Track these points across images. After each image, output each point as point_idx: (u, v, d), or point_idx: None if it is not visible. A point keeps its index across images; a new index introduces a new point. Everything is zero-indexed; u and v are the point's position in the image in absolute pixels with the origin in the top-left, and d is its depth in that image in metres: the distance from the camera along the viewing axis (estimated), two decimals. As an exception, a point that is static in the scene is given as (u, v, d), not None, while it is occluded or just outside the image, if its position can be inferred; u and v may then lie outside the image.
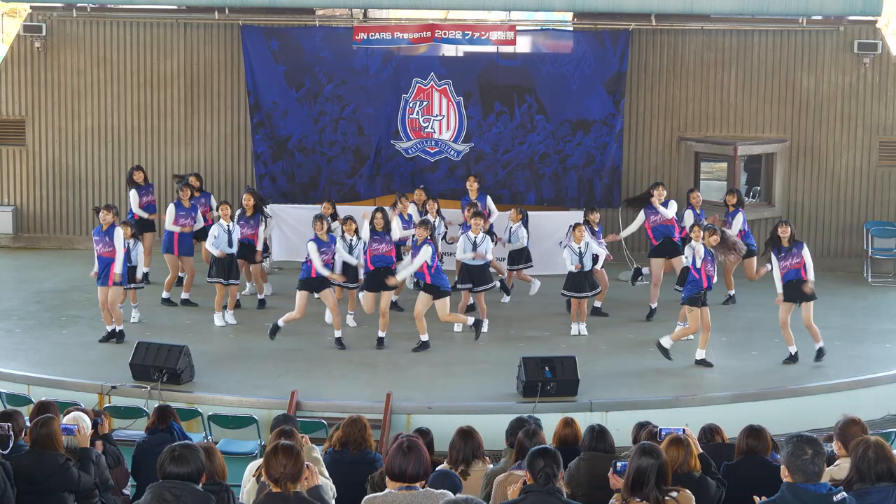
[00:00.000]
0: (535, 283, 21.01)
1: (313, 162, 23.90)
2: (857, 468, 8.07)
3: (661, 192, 20.12)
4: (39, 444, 9.82)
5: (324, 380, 17.17)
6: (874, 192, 24.00)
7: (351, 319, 19.68)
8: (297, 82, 23.65)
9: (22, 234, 25.31)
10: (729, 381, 17.48)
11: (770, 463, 9.78)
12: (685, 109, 24.15)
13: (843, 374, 17.67)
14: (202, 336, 18.88)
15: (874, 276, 23.45)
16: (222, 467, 9.06)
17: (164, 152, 24.86)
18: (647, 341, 18.69)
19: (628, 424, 11.86)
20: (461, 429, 10.33)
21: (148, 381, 16.48)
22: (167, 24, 24.64)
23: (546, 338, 19.17)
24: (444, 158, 23.66)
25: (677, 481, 8.48)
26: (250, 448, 14.80)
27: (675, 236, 20.13)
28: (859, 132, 23.80)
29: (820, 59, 23.70)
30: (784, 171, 23.95)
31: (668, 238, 20.12)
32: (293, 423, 11.10)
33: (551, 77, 23.34)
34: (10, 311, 20.56)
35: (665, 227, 20.12)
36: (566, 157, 23.50)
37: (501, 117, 23.54)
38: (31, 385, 16.79)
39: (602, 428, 10.06)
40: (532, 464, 8.17)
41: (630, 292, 21.76)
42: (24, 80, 24.89)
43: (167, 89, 24.76)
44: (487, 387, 16.94)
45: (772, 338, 18.65)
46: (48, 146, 25.05)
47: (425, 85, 23.53)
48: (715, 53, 23.91)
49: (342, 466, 10.48)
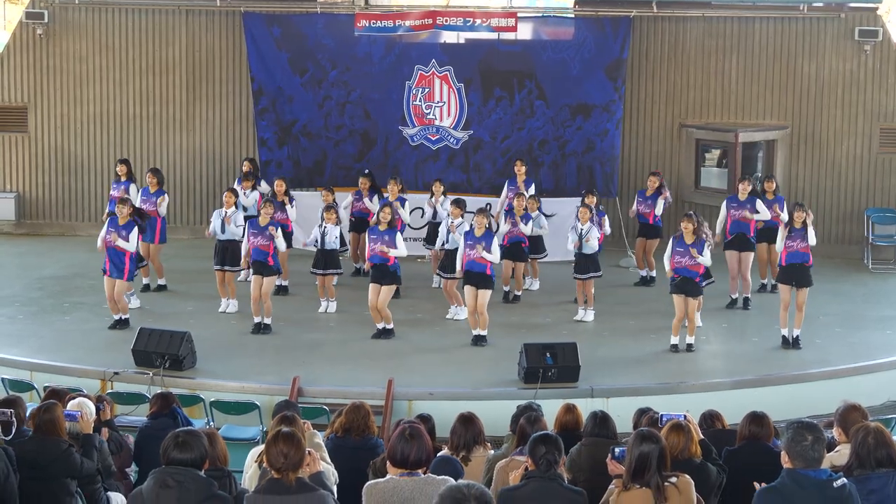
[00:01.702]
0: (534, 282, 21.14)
1: (319, 147, 23.89)
2: (856, 454, 8.09)
3: (746, 186, 20.00)
4: (42, 429, 9.85)
5: (325, 366, 17.20)
6: (875, 179, 24.00)
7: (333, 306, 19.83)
8: (301, 68, 23.63)
9: (24, 221, 25.34)
10: (729, 367, 17.54)
11: (771, 449, 9.79)
12: (686, 96, 24.15)
13: (843, 360, 17.69)
14: (204, 322, 18.89)
15: (874, 263, 23.47)
16: (224, 453, 9.08)
17: (166, 139, 24.88)
18: (648, 328, 18.74)
19: (629, 410, 11.89)
20: (462, 415, 10.35)
21: (150, 368, 16.50)
22: (169, 11, 24.64)
23: (547, 324, 19.19)
24: (445, 146, 23.66)
25: (678, 467, 8.50)
26: (252, 434, 14.83)
27: (751, 232, 20.02)
28: (860, 119, 23.80)
29: (821, 46, 23.69)
30: (785, 158, 23.95)
31: (743, 234, 20.00)
32: (295, 409, 11.12)
33: (552, 62, 23.30)
34: (13, 297, 20.59)
35: (741, 221, 19.97)
36: (565, 142, 23.45)
37: (501, 103, 23.50)
38: (34, 371, 16.82)
39: (605, 414, 10.08)
40: (534, 450, 8.21)
41: (630, 277, 21.82)
42: (26, 67, 24.91)
43: (169, 76, 24.77)
44: (489, 373, 16.96)
45: (772, 324, 18.66)
46: (50, 133, 25.07)
47: (427, 72, 23.51)
48: (716, 40, 23.91)
49: (344, 452, 10.51)
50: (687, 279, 17.54)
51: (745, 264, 20.04)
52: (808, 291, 17.76)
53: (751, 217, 19.87)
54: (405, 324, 18.87)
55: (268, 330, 18.53)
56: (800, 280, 17.71)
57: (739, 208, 19.92)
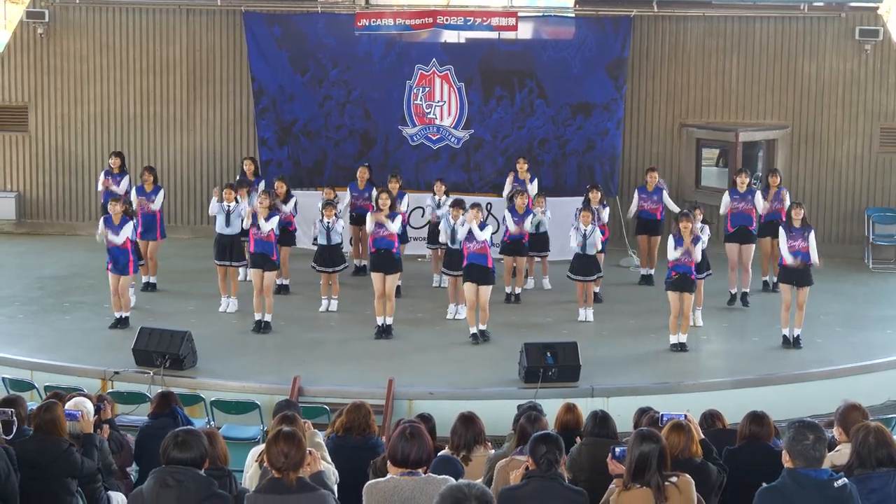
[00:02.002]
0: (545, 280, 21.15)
1: (319, 146, 23.90)
2: (857, 453, 8.09)
3: (744, 178, 20.09)
4: (43, 429, 9.86)
5: (326, 366, 17.19)
6: (875, 179, 24.00)
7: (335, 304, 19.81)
8: (302, 68, 23.64)
9: (25, 220, 25.35)
10: (730, 366, 17.54)
11: (772, 449, 9.78)
12: (686, 96, 24.15)
13: (843, 359, 17.70)
14: (205, 321, 18.89)
15: (875, 263, 23.47)
16: (224, 452, 9.09)
17: (166, 138, 24.88)
18: (649, 327, 18.73)
19: (630, 410, 11.88)
20: (462, 414, 10.35)
21: (150, 367, 16.51)
22: (169, 11, 24.65)
23: (548, 324, 19.18)
24: (446, 146, 23.66)
25: (678, 467, 8.50)
26: (253, 433, 14.83)
27: (752, 224, 20.11)
28: (860, 119, 23.80)
29: (821, 45, 23.69)
30: (785, 158, 23.94)
31: (745, 226, 20.09)
32: (295, 408, 11.13)
33: (552, 62, 23.30)
34: (13, 296, 20.59)
35: (744, 214, 20.08)
36: (566, 142, 23.45)
37: (502, 102, 23.51)
38: (34, 371, 16.82)
39: (605, 414, 10.07)
40: (534, 449, 8.21)
41: (631, 277, 21.83)
42: (27, 67, 24.92)
43: (169, 75, 24.77)
44: (489, 373, 16.96)
45: (773, 324, 18.66)
46: (51, 132, 25.08)
47: (427, 71, 23.52)
48: (716, 40, 23.90)
49: (345, 452, 10.51)
50: (684, 276, 17.60)
51: (747, 256, 20.16)
52: (808, 290, 17.77)
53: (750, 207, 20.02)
54: (406, 323, 18.87)
55: (268, 329, 18.52)
56: (800, 279, 17.73)
57: (741, 200, 19.98)
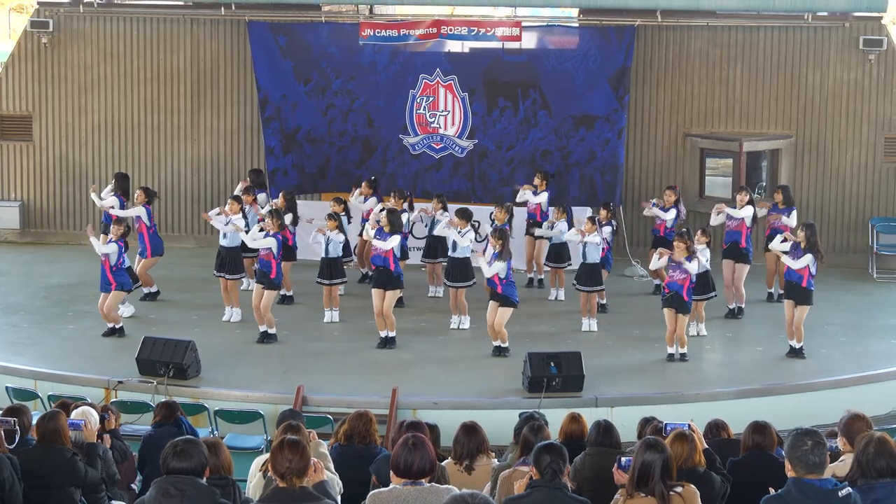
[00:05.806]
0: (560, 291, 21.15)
1: (322, 152, 23.91)
2: (858, 462, 8.10)
3: (744, 196, 19.92)
4: (46, 438, 9.87)
5: (330, 375, 17.20)
6: (879, 189, 23.96)
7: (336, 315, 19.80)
8: (305, 77, 23.65)
9: (29, 230, 25.36)
10: (734, 376, 17.52)
11: (775, 459, 9.78)
12: (690, 105, 24.14)
13: (847, 369, 17.70)
14: (208, 331, 18.90)
15: (879, 273, 23.42)
16: (228, 462, 9.08)
17: (170, 148, 24.89)
18: (653, 337, 18.70)
19: (634, 420, 11.87)
20: (465, 424, 10.35)
21: (154, 376, 16.53)
22: (174, 20, 24.68)
23: (552, 333, 19.17)
24: (449, 155, 23.66)
25: (682, 476, 8.50)
26: (256, 443, 14.85)
27: (742, 242, 19.84)
28: (864, 128, 23.76)
29: (825, 55, 23.67)
30: (789, 168, 23.92)
31: (736, 243, 19.92)
32: (299, 418, 11.12)
33: (556, 72, 23.28)
34: (17, 306, 20.60)
35: (733, 231, 19.92)
36: (569, 153, 23.41)
37: (506, 112, 23.49)
38: (38, 380, 16.85)
39: (608, 423, 10.08)
40: (538, 459, 8.21)
41: (635, 287, 21.82)
42: (31, 76, 24.94)
43: (174, 85, 24.79)
44: (493, 382, 16.97)
45: (776, 334, 18.66)
46: (55, 142, 25.09)
47: (431, 80, 23.53)
48: (720, 49, 23.90)
49: (348, 461, 10.52)
50: (677, 295, 17.57)
51: (739, 276, 19.96)
52: (805, 309, 17.68)
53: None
54: (409, 333, 18.87)
55: (272, 339, 18.52)
56: (799, 298, 17.64)
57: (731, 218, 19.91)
